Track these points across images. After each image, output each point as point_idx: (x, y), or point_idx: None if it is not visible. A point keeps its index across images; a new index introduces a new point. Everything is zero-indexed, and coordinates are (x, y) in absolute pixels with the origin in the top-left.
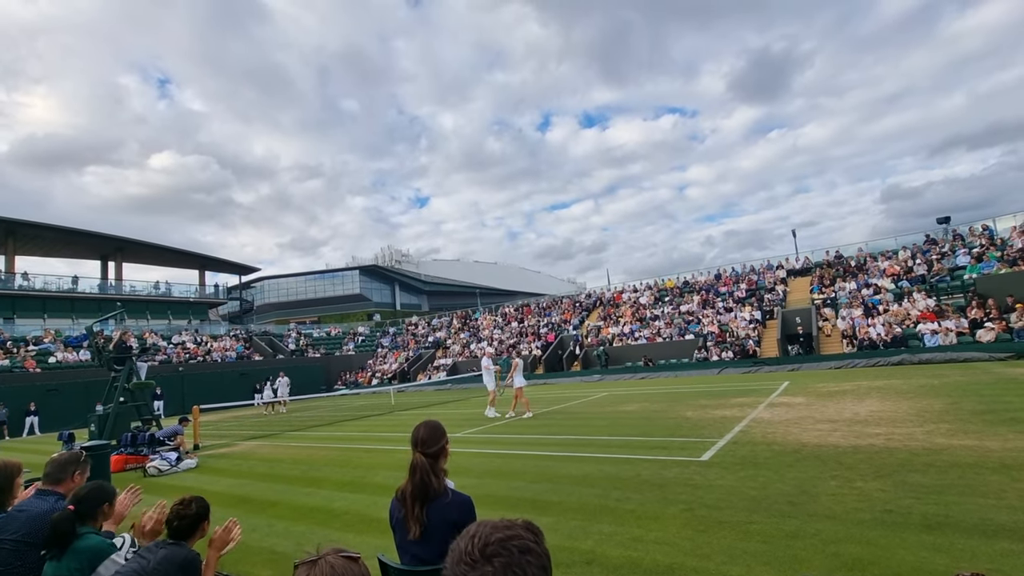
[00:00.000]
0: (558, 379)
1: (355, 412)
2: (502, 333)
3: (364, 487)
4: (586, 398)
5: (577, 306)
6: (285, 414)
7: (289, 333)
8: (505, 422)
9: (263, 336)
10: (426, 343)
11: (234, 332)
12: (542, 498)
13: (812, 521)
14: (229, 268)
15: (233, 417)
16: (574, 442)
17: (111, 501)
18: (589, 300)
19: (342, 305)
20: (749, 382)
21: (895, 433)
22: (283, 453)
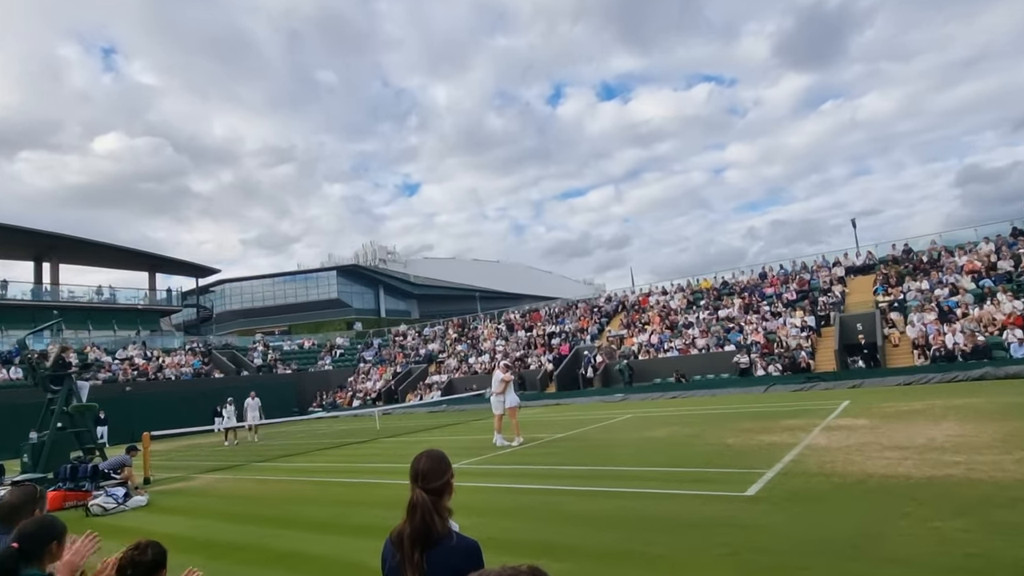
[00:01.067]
0: (573, 399)
1: (333, 439)
2: (506, 344)
3: (345, 527)
4: (607, 422)
5: (595, 312)
6: (255, 443)
7: (255, 346)
8: (512, 450)
9: (224, 349)
10: (416, 357)
11: (190, 345)
12: (556, 541)
13: (880, 568)
14: (184, 269)
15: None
16: (593, 474)
17: (60, 540)
18: (609, 304)
19: (317, 312)
20: (802, 401)
21: (978, 462)
22: (249, 488)
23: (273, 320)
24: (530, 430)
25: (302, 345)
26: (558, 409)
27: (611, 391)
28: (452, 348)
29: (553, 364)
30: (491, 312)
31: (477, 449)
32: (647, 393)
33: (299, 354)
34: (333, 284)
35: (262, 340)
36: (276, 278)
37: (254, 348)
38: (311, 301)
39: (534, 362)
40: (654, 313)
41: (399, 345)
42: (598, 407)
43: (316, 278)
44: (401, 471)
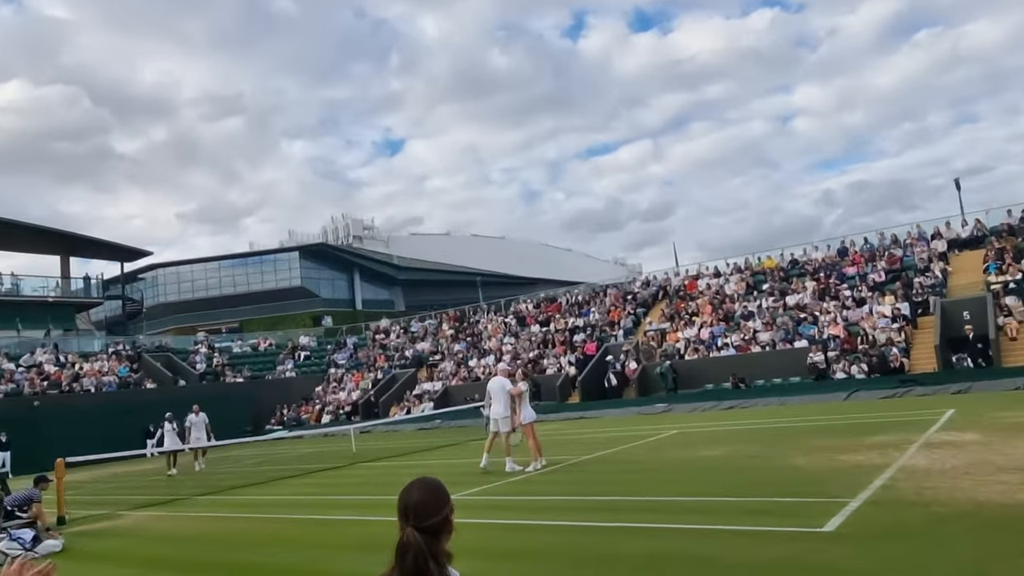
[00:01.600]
0: (603, 411)
1: (299, 465)
2: (516, 343)
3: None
4: (645, 439)
5: (629, 300)
6: (201, 471)
7: (197, 348)
8: (525, 478)
9: (158, 353)
10: (402, 359)
11: (115, 347)
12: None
13: None
14: (107, 252)
15: (116, 475)
16: (628, 506)
17: None
18: (647, 290)
19: (275, 304)
20: (893, 411)
21: None
22: (191, 528)
23: (219, 315)
24: (549, 450)
25: (256, 346)
26: (583, 424)
27: (650, 400)
28: (447, 348)
29: (576, 367)
30: (496, 302)
31: (481, 476)
32: (696, 403)
33: (253, 358)
34: (296, 268)
35: (206, 340)
36: (223, 262)
37: (196, 351)
38: (267, 291)
39: (551, 365)
40: (704, 301)
41: (380, 345)
42: (634, 421)
43: (274, 261)
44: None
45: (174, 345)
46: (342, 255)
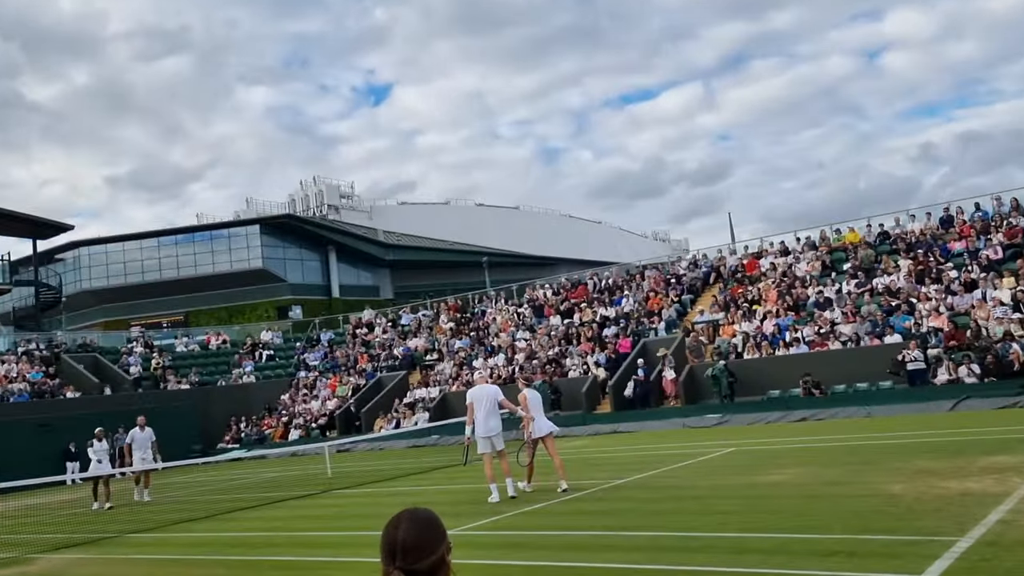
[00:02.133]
0: (641, 422)
1: (261, 493)
2: (532, 338)
3: None
4: (695, 458)
5: (673, 284)
6: (144, 503)
7: (131, 347)
8: (542, 507)
9: (82, 353)
10: (390, 359)
11: (26, 346)
12: None
13: None
14: (15, 226)
15: (29, 508)
16: (675, 543)
17: None
18: (695, 272)
19: (230, 292)
20: (1013, 425)
21: None
22: (126, 573)
23: (159, 305)
24: (573, 473)
25: (206, 344)
26: (616, 440)
27: (700, 410)
28: (446, 345)
29: (607, 369)
30: (507, 287)
31: (489, 506)
32: (757, 413)
33: (202, 358)
34: (255, 247)
35: (142, 337)
36: (163, 238)
37: (129, 350)
38: (219, 275)
39: (576, 366)
40: (768, 285)
41: (362, 342)
42: (679, 435)
43: (228, 238)
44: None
45: (102, 343)
46: (314, 230)
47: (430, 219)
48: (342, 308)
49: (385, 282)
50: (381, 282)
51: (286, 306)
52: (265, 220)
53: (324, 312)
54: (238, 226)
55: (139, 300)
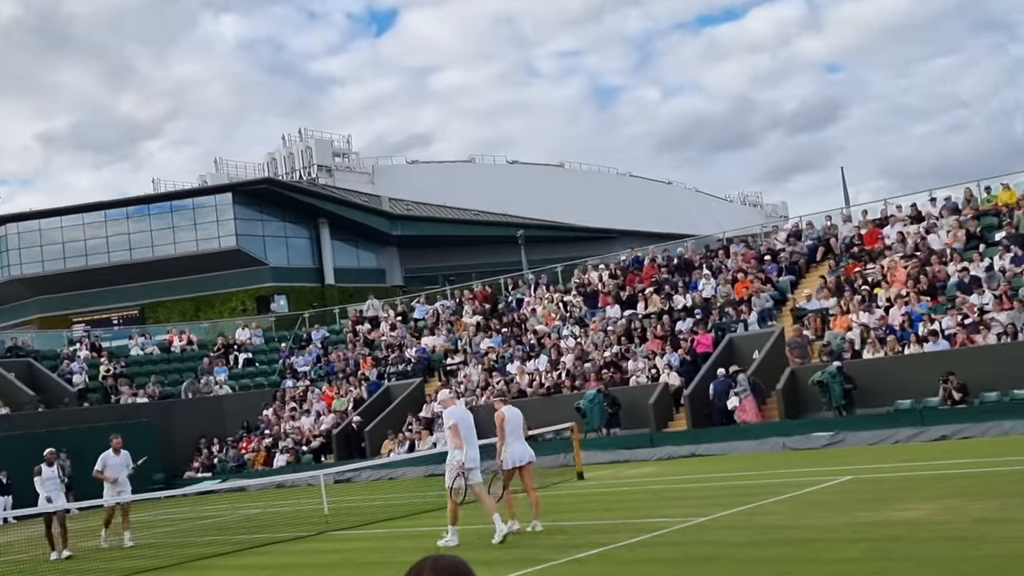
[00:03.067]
0: (726, 443)
1: (239, 534)
2: (583, 335)
3: None
4: (799, 489)
5: (768, 262)
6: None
7: (73, 350)
8: (598, 552)
9: (12, 358)
10: (401, 363)
11: None
12: None
13: None
14: None
15: None
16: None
17: None
18: (797, 246)
19: (197, 279)
20: None
21: None
22: None
23: (108, 296)
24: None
25: (168, 345)
26: (695, 465)
27: (804, 426)
28: (472, 344)
29: (681, 374)
30: (550, 269)
31: (528, 550)
32: (883, 429)
33: (163, 363)
34: (227, 220)
35: (88, 337)
36: (111, 211)
37: (72, 354)
38: (183, 257)
39: (640, 371)
40: (895, 262)
41: (365, 341)
42: (778, 459)
43: (192, 209)
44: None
45: (37, 345)
46: (301, 198)
47: (449, 182)
48: (338, 298)
49: (392, 264)
50: (387, 264)
51: (267, 296)
52: (239, 186)
53: (316, 304)
54: (205, 194)
55: (82, 290)
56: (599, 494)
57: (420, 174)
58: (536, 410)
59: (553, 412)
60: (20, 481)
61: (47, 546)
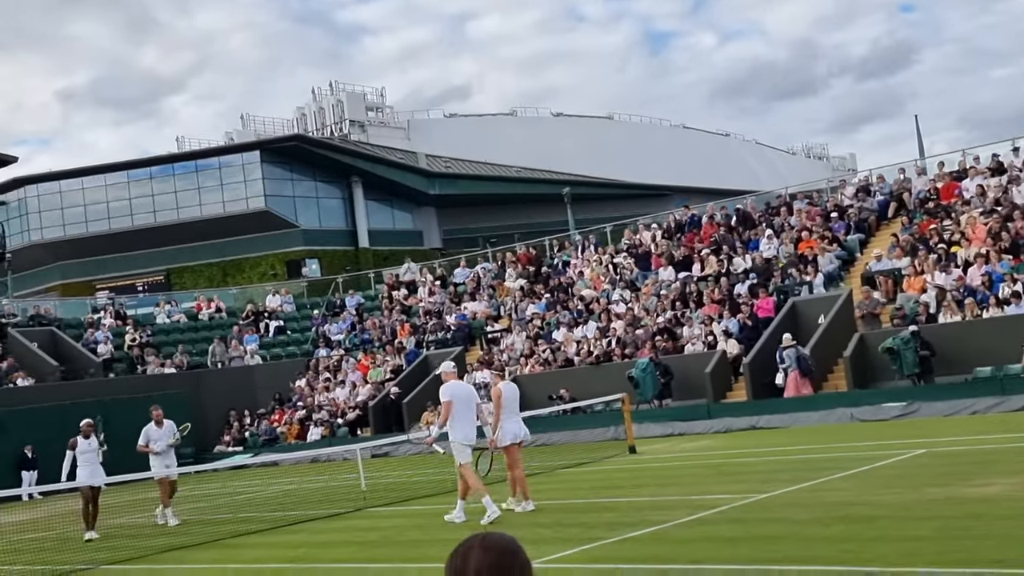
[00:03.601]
0: (791, 414)
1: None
2: (634, 299)
3: None
4: (869, 463)
5: (835, 219)
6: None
7: (97, 318)
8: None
9: (35, 327)
10: (440, 330)
11: None
12: None
13: None
14: None
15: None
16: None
17: None
18: (867, 202)
19: (225, 243)
20: None
21: None
22: None
23: (132, 262)
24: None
25: (195, 313)
26: (756, 438)
27: (874, 395)
28: (516, 309)
29: (740, 341)
30: (598, 229)
31: (583, 530)
32: (960, 399)
33: (190, 332)
34: (255, 181)
35: (112, 305)
36: (133, 172)
37: (96, 322)
38: (209, 219)
39: (696, 338)
40: (974, 218)
41: (402, 307)
42: (846, 431)
43: (218, 169)
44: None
45: (61, 314)
46: (332, 156)
47: (490, 136)
48: (373, 262)
49: (430, 225)
50: (425, 225)
51: (298, 260)
52: (267, 144)
53: (349, 268)
54: (232, 152)
55: (106, 255)
56: (652, 469)
57: (459, 129)
58: (584, 380)
59: (602, 382)
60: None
61: (83, 524)
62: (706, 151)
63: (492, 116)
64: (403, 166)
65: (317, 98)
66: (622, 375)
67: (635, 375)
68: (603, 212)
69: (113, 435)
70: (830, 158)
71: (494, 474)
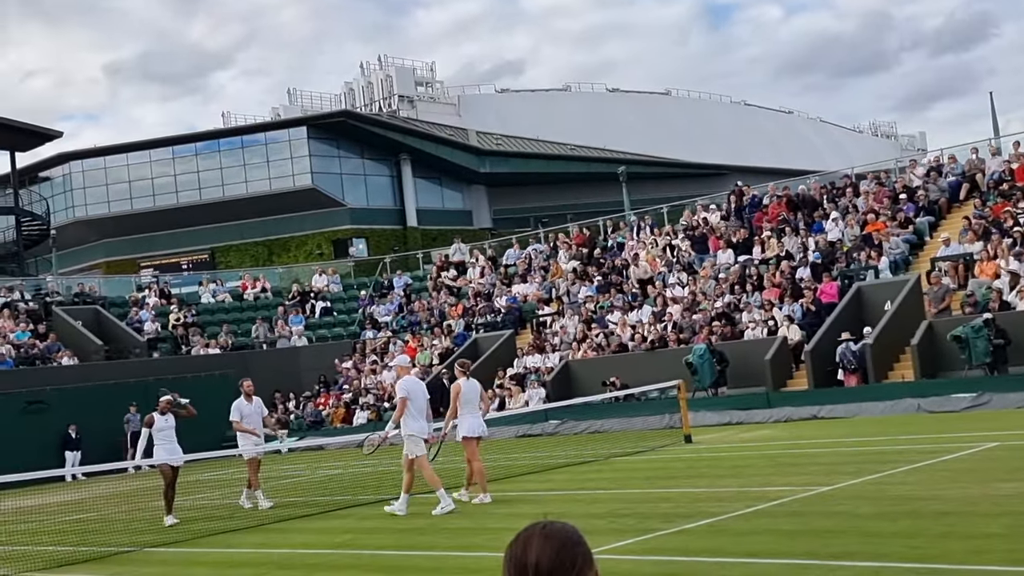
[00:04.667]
0: (855, 403)
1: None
2: (692, 283)
3: None
4: (937, 456)
5: (903, 201)
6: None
7: (142, 296)
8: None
9: (78, 305)
10: (489, 313)
11: (7, 295)
12: None
13: None
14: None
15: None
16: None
17: None
18: (937, 183)
19: (270, 221)
20: None
21: None
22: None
23: (177, 240)
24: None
25: (241, 293)
26: (819, 429)
27: (942, 386)
28: (569, 291)
29: (802, 327)
30: (655, 210)
31: (638, 521)
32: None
33: (235, 312)
34: (302, 158)
35: (157, 283)
36: (179, 147)
37: (140, 301)
38: (255, 197)
39: (756, 323)
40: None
41: (450, 289)
42: (915, 422)
43: (264, 145)
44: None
45: (105, 291)
46: (381, 132)
47: (543, 113)
48: (421, 242)
49: (480, 205)
50: (474, 204)
51: (345, 239)
52: (314, 120)
53: (397, 248)
54: (278, 128)
55: (150, 233)
56: (709, 459)
57: (510, 105)
58: (638, 366)
59: (657, 368)
60: (88, 436)
61: (164, 507)
62: (767, 129)
63: (545, 92)
64: (453, 143)
65: (365, 73)
66: (677, 361)
67: (693, 361)
68: (659, 192)
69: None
70: (899, 137)
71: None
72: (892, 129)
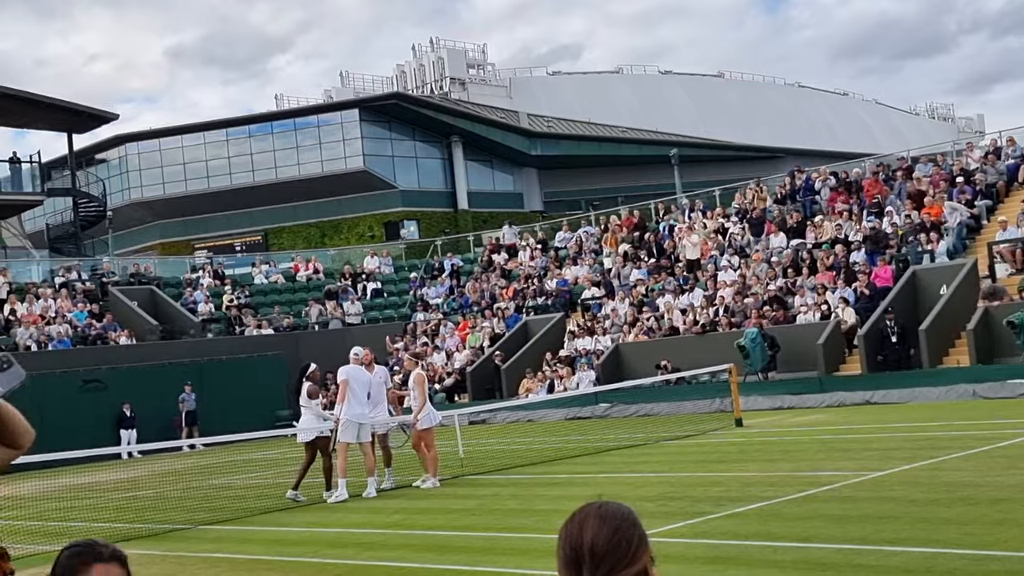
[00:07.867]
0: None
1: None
2: (744, 266)
3: None
4: (992, 443)
5: (960, 185)
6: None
7: (196, 277)
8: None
9: (134, 286)
10: (541, 296)
11: (65, 276)
12: None
13: None
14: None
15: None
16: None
17: None
18: (995, 167)
19: (323, 203)
20: None
21: None
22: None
23: (230, 222)
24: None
25: (293, 274)
26: (872, 414)
27: (999, 371)
28: (620, 274)
29: (856, 311)
30: (708, 192)
31: (689, 503)
32: None
33: (288, 293)
34: (354, 140)
35: (210, 264)
36: (232, 129)
37: (194, 282)
38: (307, 179)
39: (809, 307)
40: None
41: (501, 271)
42: (969, 409)
43: (317, 127)
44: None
45: (160, 272)
46: (432, 115)
47: (594, 96)
48: (472, 225)
49: (531, 187)
50: (525, 187)
51: (396, 222)
52: (366, 102)
53: (448, 230)
54: (330, 111)
55: (204, 214)
56: (760, 443)
57: (562, 87)
58: (689, 349)
59: (708, 352)
60: (143, 414)
61: (324, 481)
62: (822, 111)
63: (597, 74)
64: (504, 125)
65: (417, 55)
66: (728, 345)
67: (744, 345)
68: (712, 175)
69: (211, 394)
70: (956, 119)
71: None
72: (949, 111)
